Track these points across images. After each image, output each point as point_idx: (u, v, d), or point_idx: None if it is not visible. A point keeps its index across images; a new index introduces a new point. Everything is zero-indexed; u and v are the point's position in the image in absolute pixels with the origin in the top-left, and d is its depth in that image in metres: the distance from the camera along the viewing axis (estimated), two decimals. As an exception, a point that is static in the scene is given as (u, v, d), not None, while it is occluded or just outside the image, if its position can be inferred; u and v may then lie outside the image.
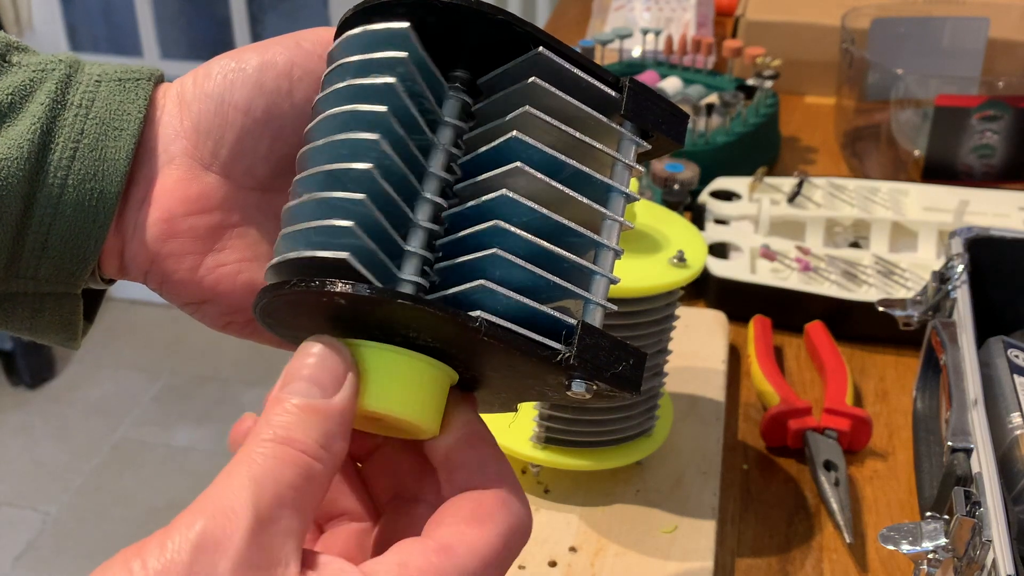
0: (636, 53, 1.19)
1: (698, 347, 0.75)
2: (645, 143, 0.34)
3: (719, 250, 0.86)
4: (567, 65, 0.33)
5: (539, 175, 0.32)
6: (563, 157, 0.32)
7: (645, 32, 1.17)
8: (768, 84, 1.05)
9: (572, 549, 0.59)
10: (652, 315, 0.58)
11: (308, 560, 0.29)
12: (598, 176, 0.33)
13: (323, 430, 0.30)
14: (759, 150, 1.03)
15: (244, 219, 0.38)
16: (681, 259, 0.58)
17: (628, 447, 0.63)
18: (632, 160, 0.34)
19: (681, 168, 0.87)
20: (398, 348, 0.32)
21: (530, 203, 0.32)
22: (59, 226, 0.36)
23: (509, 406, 0.38)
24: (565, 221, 0.32)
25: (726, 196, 0.93)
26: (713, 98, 1.05)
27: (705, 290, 0.83)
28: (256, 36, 2.50)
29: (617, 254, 0.33)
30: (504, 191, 0.32)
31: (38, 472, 2.08)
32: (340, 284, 0.30)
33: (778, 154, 1.09)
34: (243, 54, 0.37)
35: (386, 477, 0.38)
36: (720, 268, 0.83)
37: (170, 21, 2.57)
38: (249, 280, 0.38)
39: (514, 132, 0.32)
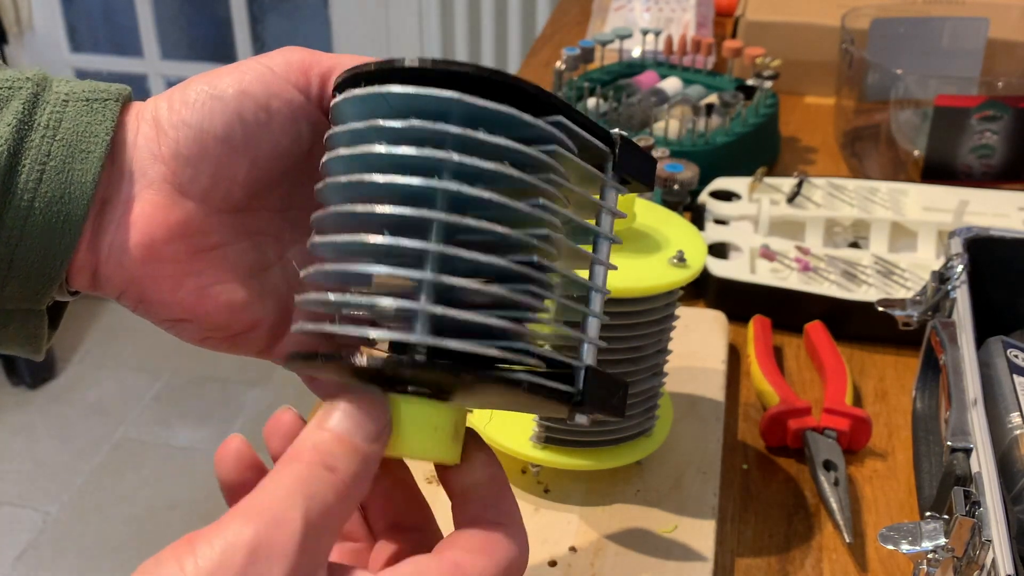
0: (636, 53, 1.19)
1: (698, 347, 0.75)
2: (624, 189, 0.39)
3: (719, 250, 0.86)
4: (582, 132, 0.36)
5: (567, 240, 0.36)
6: (577, 218, 0.36)
7: (645, 32, 1.17)
8: (768, 84, 1.05)
9: (572, 549, 0.59)
10: (652, 315, 0.59)
11: (334, 570, 0.33)
12: (593, 227, 0.38)
13: (359, 469, 0.33)
14: (759, 150, 1.03)
15: (222, 240, 0.39)
16: (681, 259, 0.58)
17: (628, 447, 0.63)
18: (615, 206, 0.38)
19: (681, 168, 0.87)
20: (425, 400, 0.35)
21: (558, 267, 0.35)
22: (25, 247, 0.36)
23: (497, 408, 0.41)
24: (574, 275, 0.37)
25: (726, 196, 0.93)
26: (713, 98, 1.05)
27: (705, 290, 0.83)
28: (256, 36, 2.50)
29: (605, 295, 0.38)
30: (536, 258, 0.35)
31: (38, 472, 2.08)
32: (384, 359, 0.33)
33: (778, 154, 1.09)
34: (219, 81, 0.38)
35: (382, 506, 0.40)
36: (720, 268, 0.83)
37: (170, 21, 2.57)
38: (228, 300, 0.39)
39: (541, 200, 0.34)
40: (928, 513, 0.51)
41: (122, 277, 0.38)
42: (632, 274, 0.56)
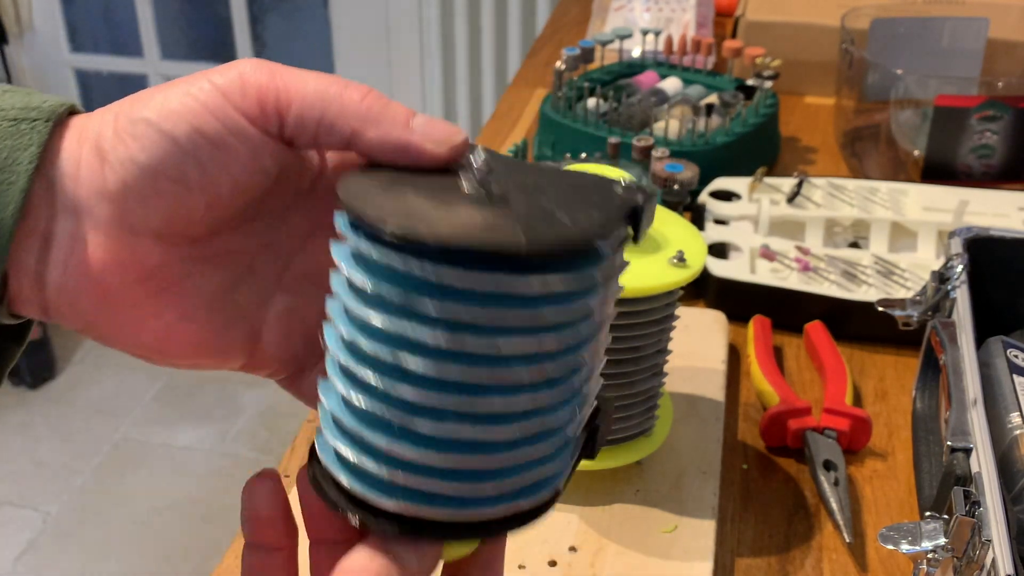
0: (636, 53, 1.19)
1: (698, 347, 0.75)
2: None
3: (719, 250, 0.86)
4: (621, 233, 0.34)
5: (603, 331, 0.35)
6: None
7: (645, 32, 1.17)
8: (768, 84, 1.05)
9: (572, 549, 0.59)
10: (652, 315, 0.59)
11: None
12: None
13: None
14: (759, 150, 1.03)
15: (181, 274, 0.36)
16: (681, 259, 0.58)
17: (628, 447, 0.63)
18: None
19: (681, 168, 0.87)
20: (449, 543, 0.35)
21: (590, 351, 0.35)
22: None
23: None
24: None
25: (726, 196, 0.93)
26: (713, 98, 1.05)
27: (705, 290, 0.83)
28: (256, 36, 2.50)
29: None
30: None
31: (38, 472, 2.08)
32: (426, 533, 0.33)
33: (778, 154, 1.09)
34: (168, 112, 0.34)
35: None
36: (720, 268, 0.83)
37: (170, 21, 2.57)
38: (193, 337, 0.37)
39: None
40: (928, 513, 0.51)
41: (77, 319, 0.35)
42: (632, 274, 0.56)
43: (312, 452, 0.35)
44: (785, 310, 0.81)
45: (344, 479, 0.33)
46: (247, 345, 0.38)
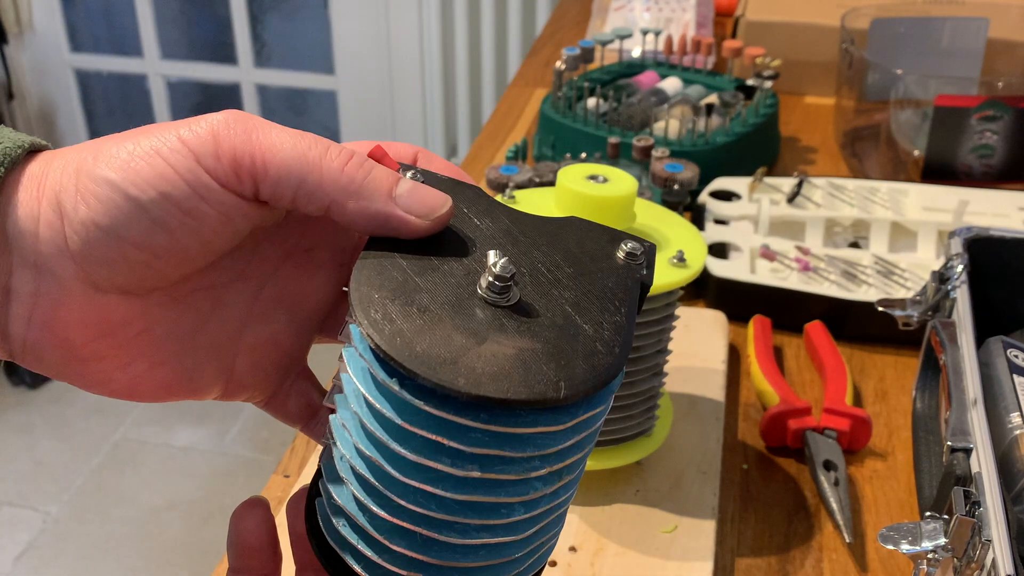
0: (636, 53, 1.19)
1: (698, 347, 0.75)
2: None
3: (719, 250, 0.86)
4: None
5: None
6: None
7: (645, 32, 1.17)
8: (768, 84, 1.05)
9: (572, 549, 0.59)
10: (652, 315, 0.58)
11: None
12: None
13: None
14: (759, 150, 1.03)
15: (149, 323, 0.35)
16: (681, 259, 0.58)
17: (628, 447, 0.63)
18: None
19: (681, 168, 0.87)
20: None
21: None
22: None
23: None
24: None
25: (726, 196, 0.93)
26: (713, 98, 1.05)
27: (705, 290, 0.83)
28: (256, 36, 2.50)
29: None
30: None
31: (38, 472, 2.08)
32: None
33: (778, 154, 1.09)
34: (135, 174, 0.32)
35: None
36: (720, 268, 0.83)
37: (170, 21, 2.57)
38: (163, 382, 0.35)
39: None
40: (928, 513, 0.51)
41: (44, 370, 0.34)
42: (632, 274, 0.56)
43: (311, 499, 0.35)
44: (785, 310, 0.81)
45: (355, 566, 0.33)
46: (221, 378, 0.38)
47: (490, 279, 0.32)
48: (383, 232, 0.34)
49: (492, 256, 0.32)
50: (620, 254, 0.35)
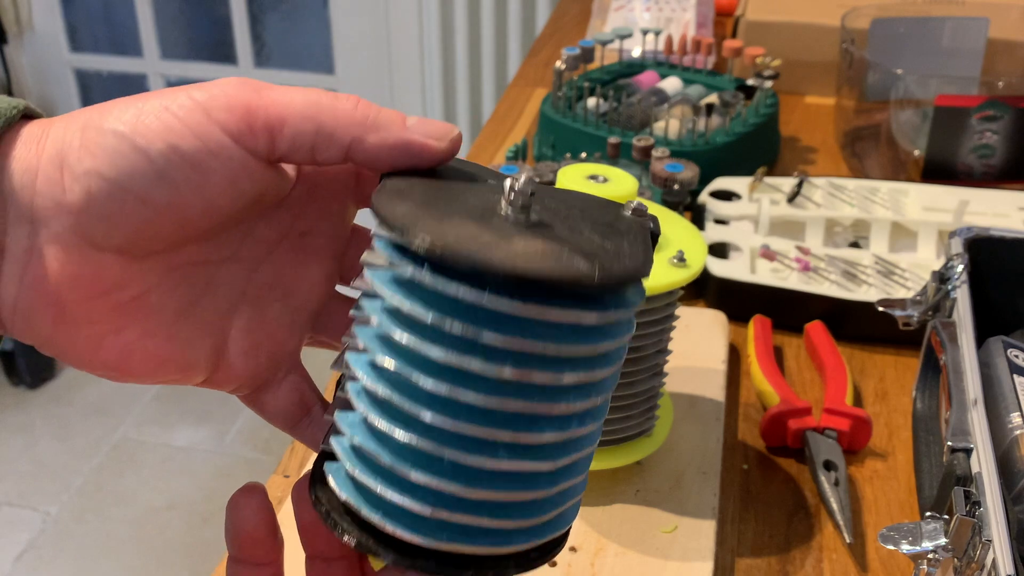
0: (636, 53, 1.19)
1: (698, 347, 0.75)
2: None
3: (719, 250, 0.86)
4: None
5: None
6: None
7: (645, 32, 1.17)
8: (768, 84, 1.05)
9: (572, 549, 0.59)
10: (652, 315, 0.58)
11: None
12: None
13: None
14: (759, 150, 1.03)
15: (143, 289, 0.34)
16: (681, 259, 0.58)
17: (628, 447, 0.63)
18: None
19: (681, 168, 0.87)
20: None
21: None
22: None
23: None
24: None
25: (726, 196, 0.93)
26: (713, 98, 1.05)
27: (705, 290, 0.83)
28: (256, 36, 2.50)
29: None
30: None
31: (38, 472, 2.08)
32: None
33: (778, 154, 1.09)
34: (143, 126, 0.32)
35: None
36: (720, 268, 0.83)
37: (170, 21, 2.57)
38: (154, 354, 0.35)
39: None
40: (928, 513, 0.51)
41: (33, 336, 0.33)
42: (632, 274, 0.56)
43: (315, 476, 0.34)
44: (785, 310, 0.81)
45: (374, 516, 0.31)
46: (211, 359, 0.37)
47: (511, 196, 0.31)
48: (405, 162, 0.34)
49: (510, 180, 0.32)
50: (627, 212, 0.35)
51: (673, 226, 0.62)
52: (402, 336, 0.30)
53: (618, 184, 0.57)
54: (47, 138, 0.32)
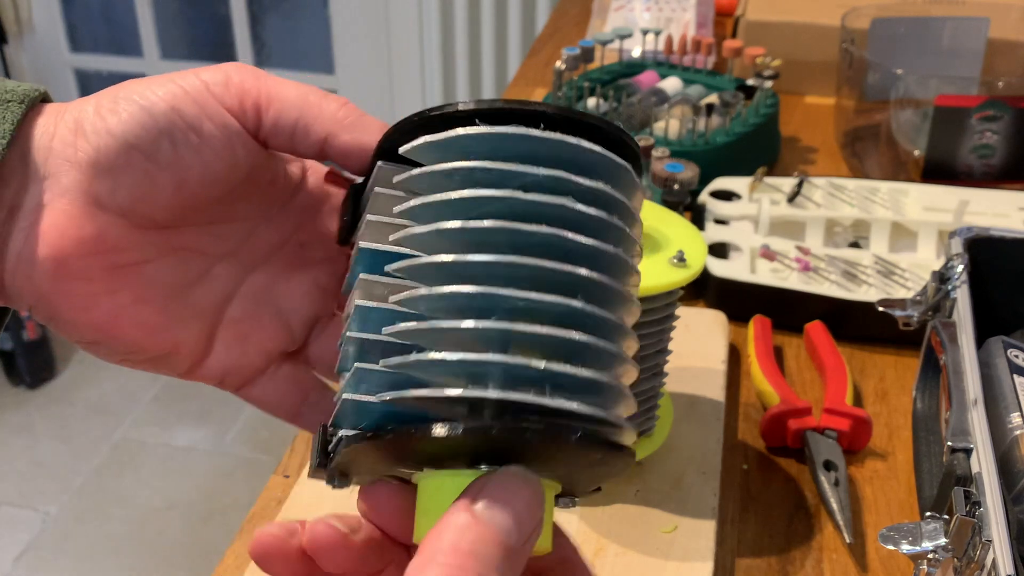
0: (636, 53, 1.19)
1: (698, 347, 0.75)
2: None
3: (719, 250, 0.86)
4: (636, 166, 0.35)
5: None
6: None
7: (645, 32, 1.17)
8: (768, 84, 1.05)
9: (572, 549, 0.59)
10: (652, 315, 0.58)
11: None
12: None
13: (509, 575, 0.29)
14: (759, 150, 1.03)
15: (140, 258, 0.36)
16: (681, 259, 0.58)
17: (628, 447, 0.63)
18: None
19: (681, 168, 0.87)
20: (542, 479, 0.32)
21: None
22: None
23: None
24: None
25: (726, 196, 0.93)
26: (713, 98, 1.05)
27: (705, 290, 0.83)
28: (256, 36, 2.51)
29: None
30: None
31: (38, 472, 2.08)
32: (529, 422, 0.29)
33: (778, 154, 1.09)
34: (151, 92, 0.35)
35: None
36: (720, 268, 0.83)
37: (170, 21, 2.57)
38: (145, 322, 0.36)
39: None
40: (928, 513, 0.51)
41: (31, 291, 0.35)
42: (632, 274, 0.56)
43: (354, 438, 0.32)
44: (785, 310, 0.81)
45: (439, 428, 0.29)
46: (198, 344, 0.38)
47: None
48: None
49: None
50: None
51: (673, 226, 0.62)
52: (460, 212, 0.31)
53: (618, 184, 0.57)
54: (66, 111, 0.35)
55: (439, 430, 0.29)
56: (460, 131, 0.31)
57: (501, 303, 0.30)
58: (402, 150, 0.33)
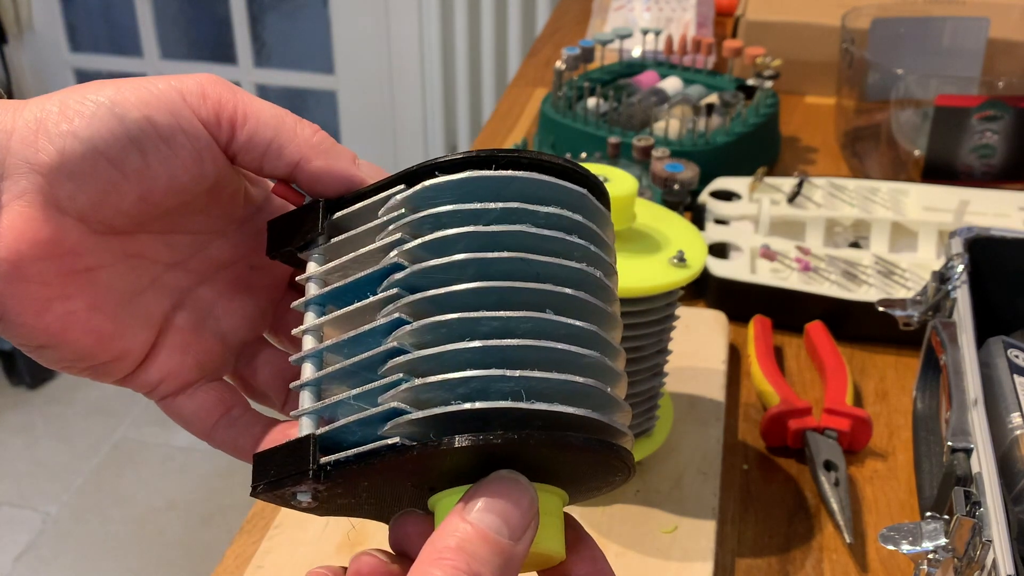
0: (636, 53, 1.19)
1: (698, 347, 0.75)
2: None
3: (719, 250, 0.86)
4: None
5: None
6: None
7: (645, 32, 1.17)
8: (768, 84, 1.05)
9: (572, 549, 0.59)
10: (652, 315, 0.58)
11: None
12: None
13: (503, 572, 0.30)
14: (759, 150, 1.03)
15: (95, 263, 0.36)
16: (681, 259, 0.58)
17: (628, 447, 0.63)
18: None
19: (681, 168, 0.87)
20: (544, 485, 0.33)
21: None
22: None
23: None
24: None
25: (726, 196, 0.93)
26: (713, 98, 1.05)
27: (705, 290, 0.83)
28: (256, 36, 2.50)
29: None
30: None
31: (38, 472, 2.08)
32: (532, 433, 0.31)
33: (778, 154, 1.09)
34: (123, 96, 0.34)
35: None
36: (720, 268, 0.83)
37: (170, 21, 2.57)
38: (95, 329, 0.36)
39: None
40: (928, 513, 0.51)
41: None
42: (632, 274, 0.56)
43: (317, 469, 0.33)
44: (785, 310, 0.81)
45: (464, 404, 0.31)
46: (143, 353, 0.38)
47: None
48: (343, 192, 0.37)
49: None
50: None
51: (673, 226, 0.62)
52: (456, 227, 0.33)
53: (618, 184, 0.57)
54: (25, 108, 0.34)
55: (461, 441, 0.30)
56: (428, 182, 0.33)
57: (479, 326, 0.32)
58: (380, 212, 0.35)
